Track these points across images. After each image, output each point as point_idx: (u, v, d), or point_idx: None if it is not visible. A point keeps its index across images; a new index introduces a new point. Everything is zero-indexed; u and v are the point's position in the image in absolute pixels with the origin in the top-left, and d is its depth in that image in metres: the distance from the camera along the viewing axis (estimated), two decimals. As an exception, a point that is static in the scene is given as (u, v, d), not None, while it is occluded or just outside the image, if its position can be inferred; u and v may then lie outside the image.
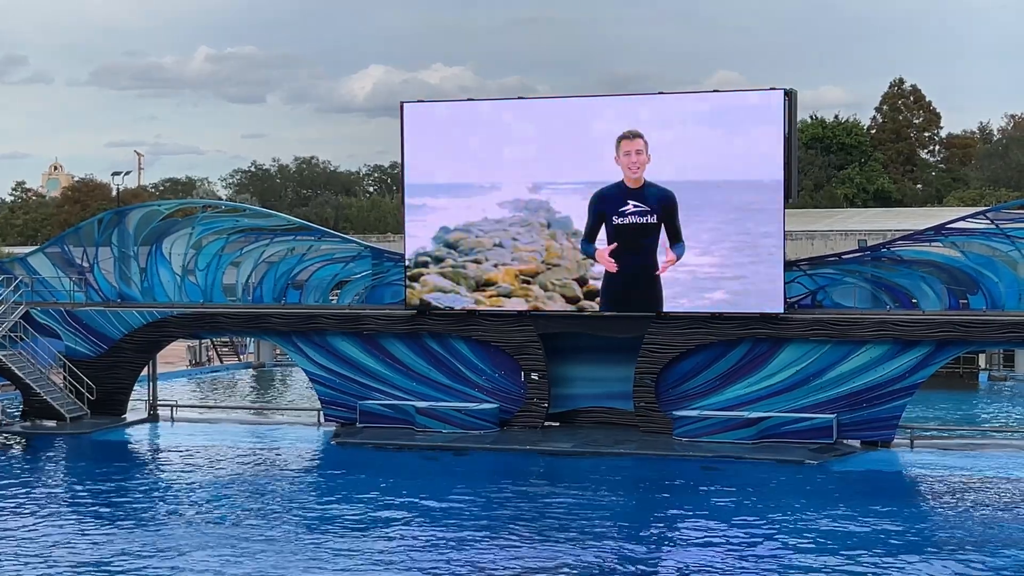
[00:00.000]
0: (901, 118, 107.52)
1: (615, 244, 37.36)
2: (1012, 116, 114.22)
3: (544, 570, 23.97)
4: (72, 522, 28.00)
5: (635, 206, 37.26)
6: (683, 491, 31.57)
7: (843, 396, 36.46)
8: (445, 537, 26.54)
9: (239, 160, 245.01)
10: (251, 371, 59.41)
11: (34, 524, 27.70)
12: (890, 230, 55.60)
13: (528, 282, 38.34)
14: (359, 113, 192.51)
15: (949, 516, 28.62)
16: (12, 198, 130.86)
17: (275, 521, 27.94)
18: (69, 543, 25.95)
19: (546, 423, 39.27)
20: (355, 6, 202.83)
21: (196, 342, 57.67)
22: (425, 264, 39.13)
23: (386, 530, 27.23)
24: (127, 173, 52.78)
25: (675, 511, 29.18)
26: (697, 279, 36.91)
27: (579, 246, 37.87)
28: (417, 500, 30.32)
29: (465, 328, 39.17)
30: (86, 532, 26.95)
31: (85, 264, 43.53)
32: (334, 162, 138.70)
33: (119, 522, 27.88)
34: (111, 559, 24.72)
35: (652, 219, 37.19)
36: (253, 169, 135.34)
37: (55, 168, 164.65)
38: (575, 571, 23.92)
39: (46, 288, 43.86)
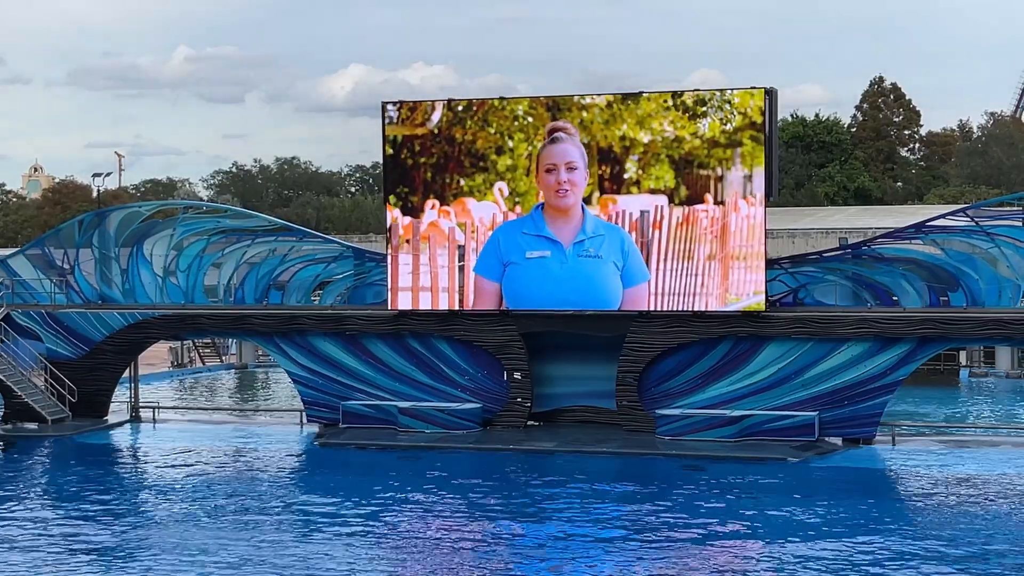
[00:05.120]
0: (881, 116, 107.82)
1: None
2: (992, 113, 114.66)
3: (526, 566, 24.03)
4: (55, 525, 27.88)
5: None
6: (664, 489, 31.57)
7: (825, 393, 36.57)
8: (429, 537, 26.57)
9: (220, 160, 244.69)
10: (233, 372, 59.28)
11: (16, 526, 27.60)
12: (871, 228, 55.84)
13: (510, 281, 38.37)
14: (339, 113, 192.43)
15: (930, 513, 28.76)
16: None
17: (258, 523, 27.89)
18: (50, 547, 25.84)
19: (529, 422, 39.29)
20: (335, 5, 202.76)
21: (178, 343, 57.50)
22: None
23: (371, 530, 27.22)
24: (108, 174, 52.59)
25: (656, 510, 29.20)
26: (679, 278, 36.90)
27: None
28: (401, 500, 30.36)
29: (447, 328, 39.16)
30: (69, 534, 26.84)
31: (66, 266, 43.37)
32: (315, 162, 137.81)
33: (102, 524, 27.79)
34: (95, 560, 24.67)
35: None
36: (234, 170, 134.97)
37: (35, 170, 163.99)
38: (560, 571, 23.97)
39: (27, 290, 43.68)
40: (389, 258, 39.10)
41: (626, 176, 37.13)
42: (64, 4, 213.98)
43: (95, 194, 67.38)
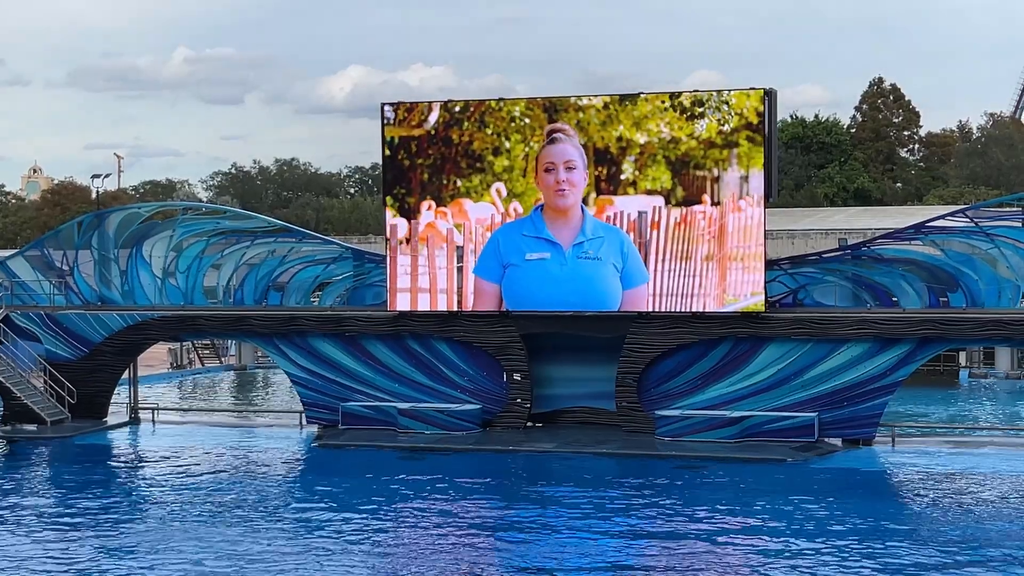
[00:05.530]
0: (881, 117, 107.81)
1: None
2: (991, 114, 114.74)
3: (525, 571, 24.01)
4: (54, 527, 27.86)
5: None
6: (664, 491, 31.56)
7: (824, 394, 36.54)
8: (428, 539, 26.56)
9: (219, 162, 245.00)
10: (232, 373, 59.26)
11: (15, 528, 27.58)
12: (870, 229, 55.84)
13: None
14: (339, 114, 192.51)
15: (930, 514, 28.73)
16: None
17: (257, 524, 27.86)
18: (49, 548, 25.82)
19: (529, 423, 39.27)
20: (334, 6, 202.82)
21: (177, 345, 57.47)
22: (406, 265, 39.08)
23: (370, 532, 27.20)
24: (107, 176, 52.54)
25: (656, 511, 29.19)
26: (678, 279, 36.89)
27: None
28: (401, 502, 30.34)
29: (447, 329, 39.13)
30: (68, 536, 26.82)
31: (65, 267, 43.36)
32: (315, 163, 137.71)
33: (100, 526, 27.79)
34: (94, 561, 24.65)
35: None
36: (233, 171, 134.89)
37: (34, 171, 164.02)
38: (560, 571, 23.97)
39: (26, 291, 43.66)
40: (388, 259, 39.09)
41: (623, 177, 37.12)
42: (64, 5, 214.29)
43: (94, 195, 67.31)
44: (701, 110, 36.51)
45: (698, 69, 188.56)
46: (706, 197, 36.53)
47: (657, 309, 37.09)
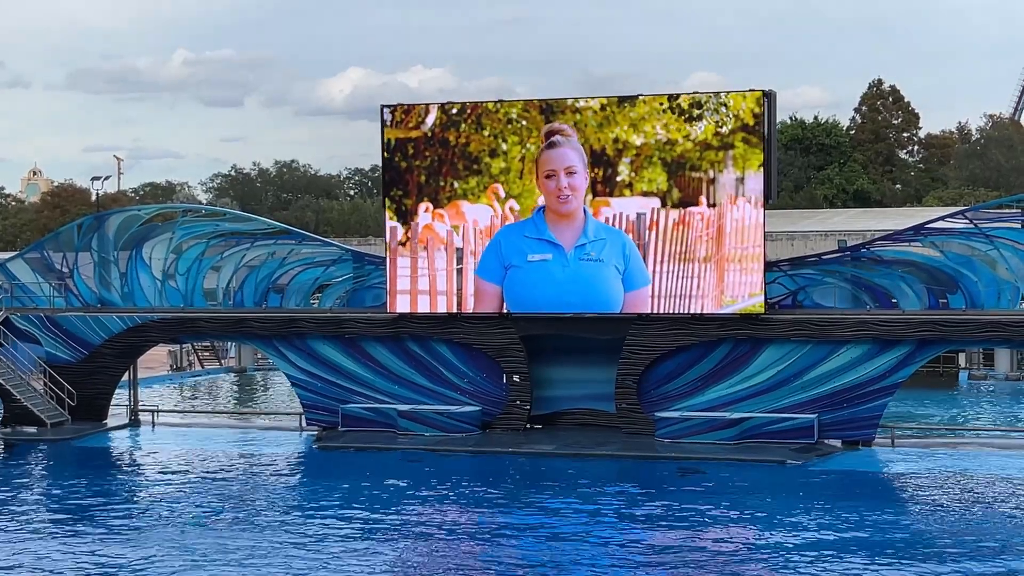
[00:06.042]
0: (880, 119, 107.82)
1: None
2: (991, 116, 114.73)
3: (525, 570, 24.02)
4: (53, 530, 27.87)
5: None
6: (663, 492, 31.57)
7: (824, 396, 36.56)
8: (428, 540, 26.57)
9: (219, 164, 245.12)
10: (232, 375, 59.26)
11: (14, 532, 27.59)
12: (870, 230, 55.83)
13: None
14: (338, 116, 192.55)
15: (929, 515, 28.74)
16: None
17: (257, 526, 27.88)
18: (50, 551, 25.84)
19: (528, 425, 39.27)
20: (334, 7, 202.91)
21: (177, 347, 57.46)
22: (406, 267, 39.08)
23: (370, 533, 27.21)
24: (107, 178, 52.55)
25: (655, 512, 29.20)
26: (678, 280, 36.89)
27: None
28: (400, 504, 30.34)
29: (446, 331, 39.14)
30: (68, 540, 26.83)
31: (65, 269, 43.35)
32: (314, 165, 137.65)
33: (100, 527, 27.80)
34: (92, 564, 24.66)
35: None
36: (233, 173, 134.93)
37: (34, 173, 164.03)
38: (561, 571, 23.98)
39: (26, 294, 43.65)
40: (388, 261, 39.10)
41: (619, 179, 37.12)
42: (64, 5, 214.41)
43: (94, 197, 67.35)
44: (699, 112, 36.52)
45: (697, 70, 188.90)
46: (703, 199, 36.53)
47: (655, 310, 37.10)
